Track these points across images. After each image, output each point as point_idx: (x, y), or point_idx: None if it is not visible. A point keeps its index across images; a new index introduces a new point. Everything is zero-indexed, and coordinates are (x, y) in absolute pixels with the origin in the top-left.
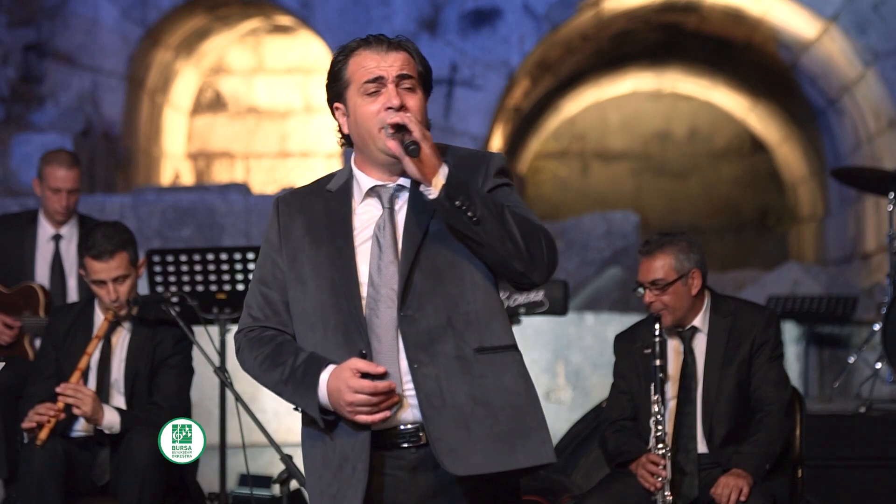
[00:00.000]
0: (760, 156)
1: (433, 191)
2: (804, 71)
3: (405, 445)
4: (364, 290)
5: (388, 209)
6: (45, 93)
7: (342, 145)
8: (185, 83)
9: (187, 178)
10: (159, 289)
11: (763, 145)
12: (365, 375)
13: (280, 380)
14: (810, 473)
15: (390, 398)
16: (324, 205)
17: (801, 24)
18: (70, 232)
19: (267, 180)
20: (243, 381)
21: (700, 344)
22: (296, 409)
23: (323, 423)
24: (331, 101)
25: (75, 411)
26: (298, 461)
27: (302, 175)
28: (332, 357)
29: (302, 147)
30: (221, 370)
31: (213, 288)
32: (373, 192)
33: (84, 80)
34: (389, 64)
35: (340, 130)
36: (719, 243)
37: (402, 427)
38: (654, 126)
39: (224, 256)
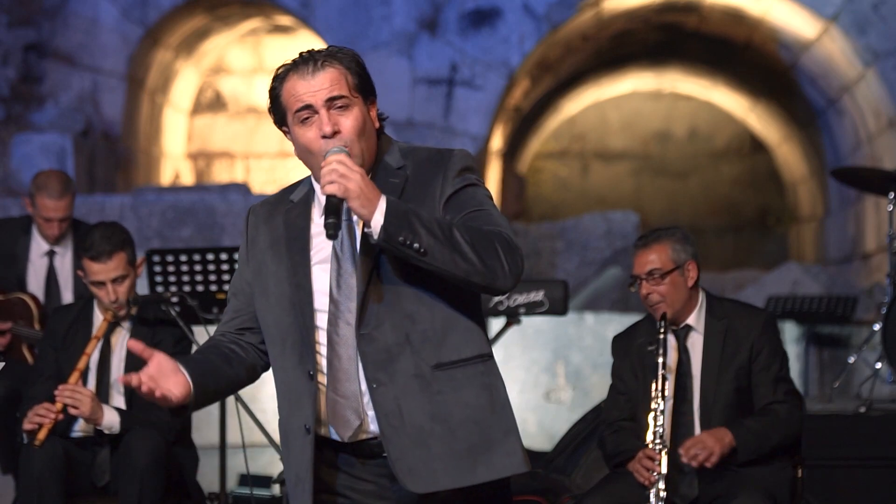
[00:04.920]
0: (760, 156)
1: (374, 230)
2: (804, 71)
3: (385, 455)
4: (326, 307)
5: (345, 222)
6: (45, 93)
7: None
8: (185, 83)
9: (187, 178)
10: (159, 289)
11: (763, 145)
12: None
13: None
14: (810, 473)
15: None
16: (284, 217)
17: (801, 24)
18: (63, 248)
19: (267, 180)
20: None
21: (694, 344)
22: None
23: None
24: (278, 126)
25: (73, 412)
26: None
27: (302, 175)
28: (288, 374)
29: None
30: None
31: (213, 288)
32: None
33: (84, 80)
34: (317, 88)
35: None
36: (719, 243)
37: (370, 439)
38: (654, 126)
39: (224, 256)
